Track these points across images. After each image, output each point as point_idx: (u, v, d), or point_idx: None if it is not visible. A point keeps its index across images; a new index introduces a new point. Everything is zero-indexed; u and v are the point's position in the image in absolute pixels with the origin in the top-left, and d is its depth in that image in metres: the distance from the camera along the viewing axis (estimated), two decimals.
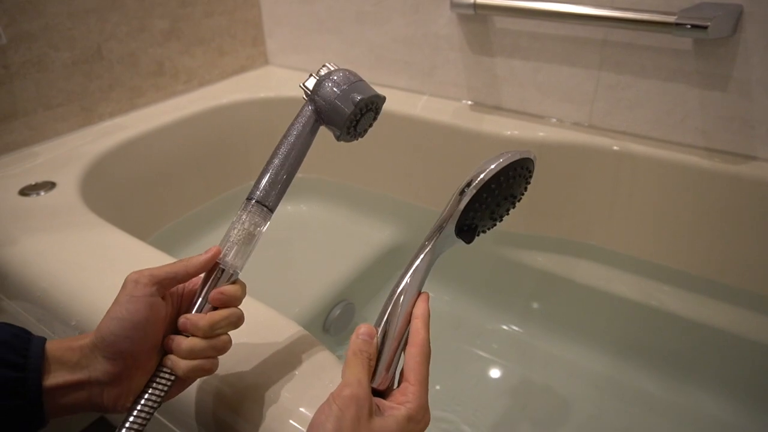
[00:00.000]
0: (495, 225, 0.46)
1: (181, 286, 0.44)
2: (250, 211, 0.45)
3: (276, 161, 0.46)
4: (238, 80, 1.25)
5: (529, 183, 0.45)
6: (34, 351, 0.39)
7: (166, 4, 1.07)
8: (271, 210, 0.46)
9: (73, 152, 0.92)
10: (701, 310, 0.92)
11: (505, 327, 1.08)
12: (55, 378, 0.39)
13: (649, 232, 0.94)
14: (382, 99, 0.49)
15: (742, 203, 0.83)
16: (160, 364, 0.42)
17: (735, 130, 0.84)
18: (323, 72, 0.49)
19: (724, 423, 0.88)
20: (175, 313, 0.43)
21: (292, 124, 0.48)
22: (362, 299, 1.05)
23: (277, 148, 0.47)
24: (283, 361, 0.49)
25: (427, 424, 0.38)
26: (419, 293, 0.43)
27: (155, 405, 0.41)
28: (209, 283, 0.43)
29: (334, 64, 0.50)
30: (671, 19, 0.76)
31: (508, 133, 0.97)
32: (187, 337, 0.42)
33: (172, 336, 0.42)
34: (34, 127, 0.93)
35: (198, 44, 1.16)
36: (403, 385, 0.39)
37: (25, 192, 0.80)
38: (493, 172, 0.41)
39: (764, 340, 0.87)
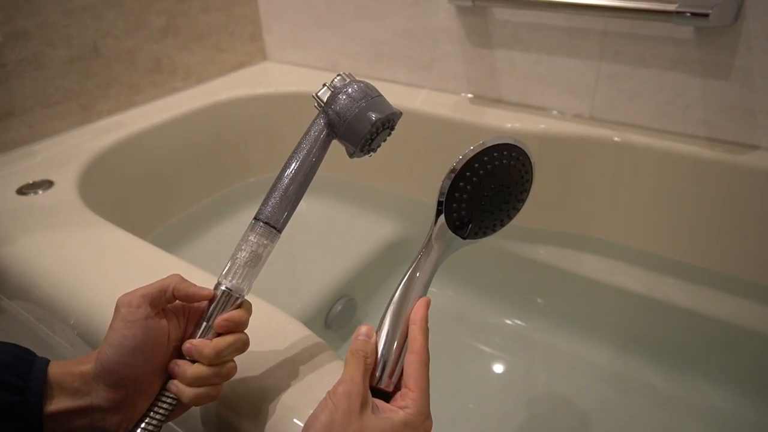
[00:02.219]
0: (502, 221, 0.45)
1: (185, 304, 0.43)
2: (257, 233, 0.43)
3: (285, 179, 0.45)
4: (236, 76, 1.24)
5: (526, 176, 0.45)
6: (36, 375, 0.38)
7: (162, 0, 1.06)
8: (279, 231, 0.44)
9: (71, 150, 0.91)
10: (704, 302, 0.91)
11: (507, 321, 1.07)
12: (56, 404, 0.38)
13: (651, 223, 0.93)
14: (399, 115, 0.47)
15: (744, 193, 0.83)
16: (164, 388, 0.41)
17: (737, 120, 0.83)
18: (338, 83, 0.46)
19: (727, 414, 0.88)
20: (181, 333, 0.43)
21: (304, 138, 0.46)
22: (364, 295, 1.05)
23: (287, 163, 0.45)
24: (286, 360, 0.48)
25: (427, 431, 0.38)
26: (419, 298, 0.42)
27: (157, 428, 0.41)
28: (215, 306, 0.42)
29: (350, 74, 0.47)
30: (672, 7, 0.75)
31: (509, 125, 0.97)
32: (192, 362, 0.41)
33: (177, 361, 0.41)
34: (31, 126, 0.93)
35: (196, 40, 1.16)
36: (403, 391, 0.39)
37: (23, 191, 0.80)
38: (465, 160, 0.41)
39: (767, 331, 0.86)
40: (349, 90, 0.45)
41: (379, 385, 0.40)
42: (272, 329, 0.52)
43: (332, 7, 1.16)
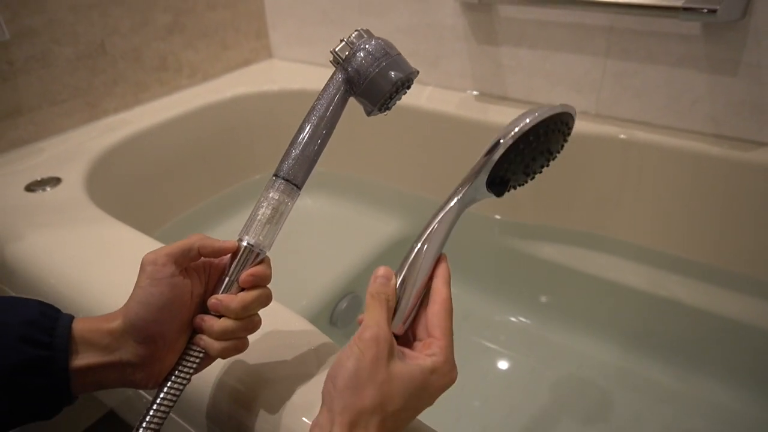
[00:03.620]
0: (527, 181, 0.44)
1: (207, 261, 0.43)
2: (277, 189, 0.43)
3: (304, 135, 0.44)
4: (241, 74, 1.25)
5: (566, 141, 0.44)
6: (62, 331, 0.39)
7: None
8: (299, 187, 0.44)
9: (78, 148, 0.92)
10: (710, 299, 0.91)
11: (513, 318, 1.07)
12: (85, 359, 0.39)
13: (657, 220, 0.93)
14: (416, 74, 0.46)
15: (752, 190, 0.82)
16: (191, 342, 0.42)
17: (745, 116, 0.83)
18: (356, 38, 0.45)
19: (733, 411, 0.88)
20: (203, 290, 0.43)
21: (321, 95, 0.45)
22: None
23: (305, 120, 0.45)
24: (293, 358, 0.49)
25: (452, 381, 0.38)
26: (442, 247, 0.41)
27: (186, 381, 0.41)
28: (237, 263, 0.42)
29: (367, 30, 0.45)
30: (679, 3, 0.75)
31: None
32: (218, 317, 0.41)
33: (203, 316, 0.42)
34: (38, 123, 0.93)
35: (201, 38, 1.16)
36: (428, 339, 0.38)
37: (31, 188, 0.80)
38: (533, 123, 0.40)
39: None
40: (368, 47, 0.44)
41: (392, 329, 0.39)
42: (277, 326, 0.52)
43: (337, 3, 1.16)
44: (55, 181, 0.82)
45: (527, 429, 0.88)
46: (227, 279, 0.42)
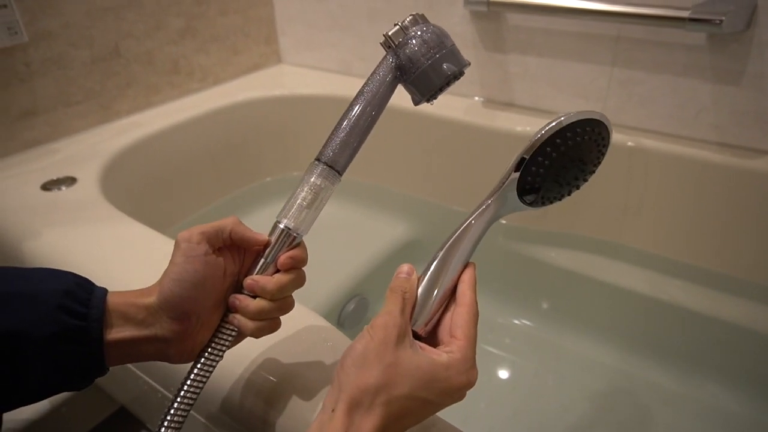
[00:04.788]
0: (562, 194, 0.43)
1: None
2: (319, 174, 0.42)
3: (348, 121, 0.43)
4: (251, 78, 1.26)
5: (603, 153, 0.43)
6: (96, 302, 0.39)
7: (181, 2, 1.09)
8: (340, 173, 0.43)
9: (92, 148, 0.93)
10: (712, 304, 0.92)
11: (517, 321, 1.08)
12: (120, 332, 0.39)
13: (661, 226, 0.94)
14: (468, 65, 0.45)
15: (754, 197, 0.83)
16: (224, 320, 0.42)
17: (749, 125, 0.84)
18: (410, 23, 0.43)
19: (734, 414, 0.88)
20: (237, 269, 0.43)
21: (370, 79, 0.44)
22: (376, 294, 1.06)
23: (351, 105, 0.43)
24: (309, 352, 0.50)
25: (470, 381, 0.38)
26: (470, 255, 0.41)
27: (219, 357, 0.42)
28: (274, 245, 0.42)
29: (423, 16, 0.44)
30: (685, 14, 0.76)
31: (520, 129, 0.98)
32: (253, 297, 0.42)
33: (237, 296, 0.42)
34: (53, 124, 0.95)
35: (213, 42, 1.18)
36: (449, 339, 0.39)
37: (47, 187, 0.82)
38: (559, 127, 0.39)
39: None
40: (423, 34, 0.43)
41: (413, 327, 0.39)
42: (293, 322, 0.53)
43: (346, 10, 1.18)
44: (70, 180, 0.83)
45: (531, 431, 0.89)
46: (263, 260, 0.42)
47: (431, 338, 0.41)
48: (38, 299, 0.37)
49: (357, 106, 0.43)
